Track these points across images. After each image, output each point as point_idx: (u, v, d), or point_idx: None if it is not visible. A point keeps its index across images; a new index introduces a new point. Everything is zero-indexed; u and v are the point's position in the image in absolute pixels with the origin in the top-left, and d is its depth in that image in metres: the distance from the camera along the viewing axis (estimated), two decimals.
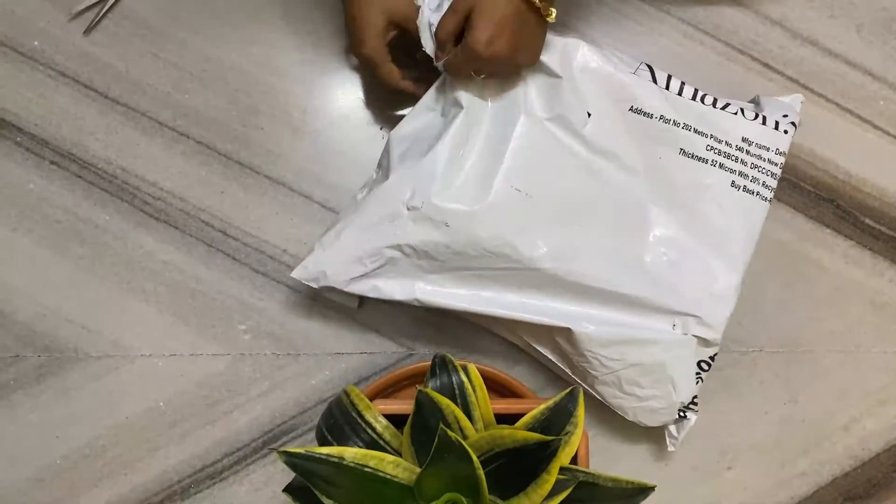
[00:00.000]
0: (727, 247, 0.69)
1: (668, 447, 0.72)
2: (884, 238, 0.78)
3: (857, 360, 0.77)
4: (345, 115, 0.76)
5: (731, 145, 0.69)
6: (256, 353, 0.73)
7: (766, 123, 0.70)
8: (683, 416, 0.70)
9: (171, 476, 0.72)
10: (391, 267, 0.66)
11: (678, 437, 0.71)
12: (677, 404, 0.69)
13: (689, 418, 0.70)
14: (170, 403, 0.72)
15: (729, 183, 0.69)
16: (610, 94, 0.68)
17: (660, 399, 0.68)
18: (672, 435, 0.72)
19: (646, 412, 0.69)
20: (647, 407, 0.69)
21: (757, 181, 0.69)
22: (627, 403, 0.69)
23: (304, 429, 0.73)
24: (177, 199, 0.74)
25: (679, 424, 0.71)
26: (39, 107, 0.74)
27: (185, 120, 0.75)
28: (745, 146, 0.70)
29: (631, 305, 0.67)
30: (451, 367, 0.54)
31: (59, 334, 0.72)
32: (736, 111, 0.70)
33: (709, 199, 0.69)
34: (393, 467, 0.49)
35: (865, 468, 0.76)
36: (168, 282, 0.73)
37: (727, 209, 0.69)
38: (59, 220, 0.73)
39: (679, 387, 0.68)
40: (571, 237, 0.66)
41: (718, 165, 0.69)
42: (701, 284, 0.68)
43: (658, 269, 0.68)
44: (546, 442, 0.46)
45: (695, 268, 0.68)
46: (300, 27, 0.76)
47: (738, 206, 0.69)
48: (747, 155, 0.69)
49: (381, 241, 0.65)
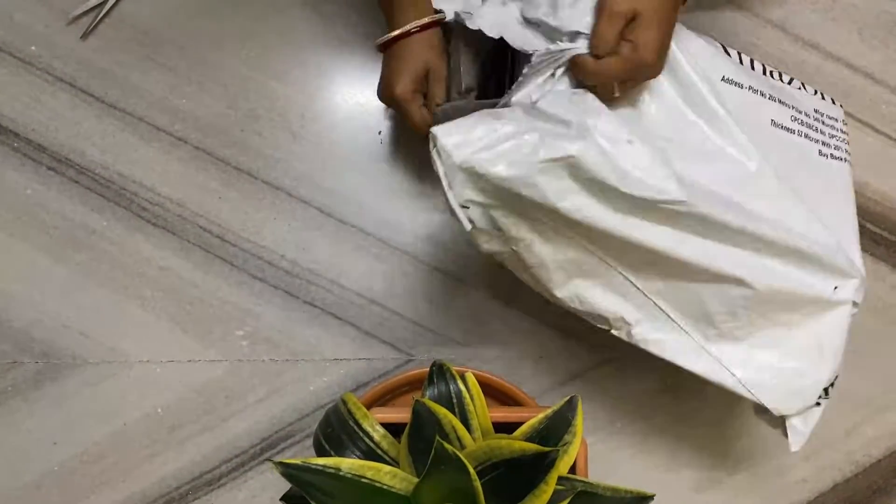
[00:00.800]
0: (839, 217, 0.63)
1: (790, 447, 0.60)
2: (885, 243, 0.77)
3: (858, 367, 0.76)
4: (344, 121, 0.76)
5: (809, 116, 0.66)
6: (254, 360, 0.73)
7: (825, 98, 0.68)
8: (818, 402, 0.60)
9: (169, 483, 0.72)
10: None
11: (805, 431, 0.60)
12: (823, 382, 0.59)
13: (820, 405, 0.60)
14: (168, 410, 0.72)
15: (817, 152, 0.65)
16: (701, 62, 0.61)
17: (803, 375, 0.59)
18: (797, 431, 0.60)
19: (787, 394, 0.59)
20: (790, 387, 0.59)
21: (839, 149, 0.66)
22: (766, 379, 0.59)
23: (302, 435, 0.72)
24: (174, 204, 0.74)
25: (807, 415, 0.60)
26: (36, 112, 0.74)
27: (182, 125, 0.74)
28: (820, 117, 0.66)
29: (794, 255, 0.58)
30: (448, 376, 0.54)
31: (56, 340, 0.72)
32: (799, 86, 0.68)
33: (808, 169, 0.63)
34: (390, 478, 0.48)
35: (866, 474, 0.75)
36: (166, 288, 0.73)
37: (823, 177, 0.64)
38: (56, 226, 0.73)
39: (828, 360, 0.59)
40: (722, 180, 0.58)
41: (804, 136, 0.65)
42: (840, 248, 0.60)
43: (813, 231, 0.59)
44: (544, 452, 0.46)
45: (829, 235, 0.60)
46: (299, 32, 0.76)
47: (832, 172, 0.65)
48: (823, 125, 0.66)
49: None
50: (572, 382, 0.74)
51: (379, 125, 0.76)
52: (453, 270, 0.75)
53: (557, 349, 0.75)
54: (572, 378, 0.74)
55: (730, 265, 0.57)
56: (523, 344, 0.75)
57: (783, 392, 0.59)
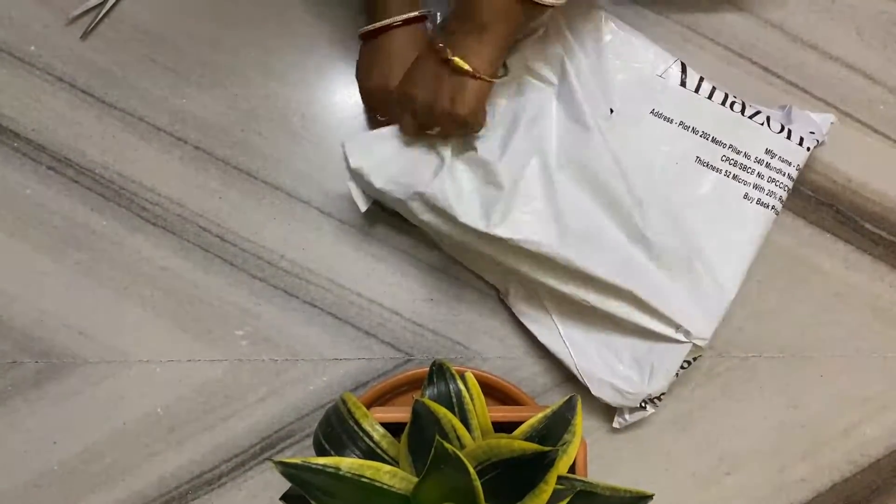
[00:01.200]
0: (729, 257, 0.70)
1: (613, 423, 0.73)
2: (884, 243, 0.78)
3: (857, 366, 0.76)
4: (343, 121, 0.76)
5: (749, 157, 0.70)
6: (254, 359, 0.73)
7: (791, 138, 0.71)
8: (644, 406, 0.71)
9: (169, 482, 0.72)
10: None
11: (627, 421, 0.72)
12: (644, 395, 0.69)
13: (647, 410, 0.71)
14: (167, 409, 0.72)
15: (742, 195, 0.70)
16: (635, 92, 0.69)
17: (631, 383, 0.69)
18: (623, 418, 0.72)
19: (611, 390, 0.70)
20: (615, 386, 0.69)
21: (773, 195, 0.70)
22: (598, 373, 0.70)
23: (301, 434, 0.72)
24: (174, 204, 0.74)
25: (634, 412, 0.71)
26: (36, 111, 0.74)
27: (182, 125, 0.74)
28: (767, 158, 0.70)
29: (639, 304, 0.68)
30: (448, 375, 0.54)
31: (56, 340, 0.72)
32: (762, 121, 0.71)
33: (718, 208, 0.70)
34: (390, 477, 0.48)
35: (865, 474, 0.76)
36: (165, 287, 0.73)
37: (735, 220, 0.70)
38: (56, 226, 0.73)
39: (655, 379, 0.69)
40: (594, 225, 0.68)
41: (732, 176, 0.70)
42: (702, 294, 0.69)
43: (663, 274, 0.68)
44: (544, 452, 0.46)
45: (697, 278, 0.69)
46: (299, 32, 0.76)
47: (747, 217, 0.70)
48: (766, 168, 0.70)
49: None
50: (570, 382, 0.74)
51: (378, 126, 0.76)
52: (453, 270, 0.75)
53: None
54: (570, 378, 0.74)
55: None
56: (522, 344, 0.75)
57: (610, 389, 0.70)
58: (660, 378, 0.69)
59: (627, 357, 0.70)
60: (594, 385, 0.70)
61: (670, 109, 0.70)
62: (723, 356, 0.76)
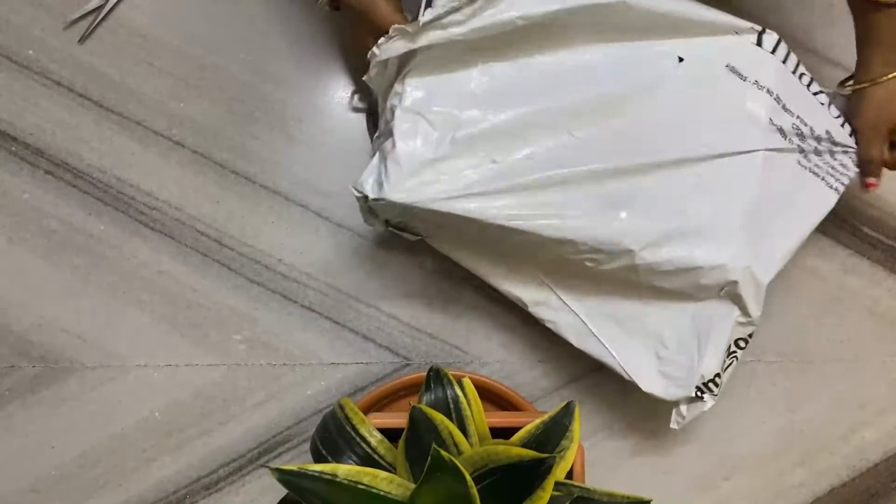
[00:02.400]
0: (788, 228, 0.67)
1: (672, 424, 0.66)
2: (882, 247, 0.78)
3: (856, 370, 0.76)
4: (341, 124, 0.76)
5: (813, 132, 0.67)
6: (252, 364, 0.73)
7: (845, 127, 0.68)
8: (700, 396, 0.65)
9: (166, 487, 0.72)
10: None
11: (686, 417, 0.66)
12: (697, 377, 0.64)
13: (704, 401, 0.65)
14: (165, 414, 0.72)
15: (796, 162, 0.67)
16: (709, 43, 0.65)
17: (679, 366, 0.64)
18: (680, 413, 0.66)
19: (661, 379, 0.65)
20: (665, 373, 0.65)
21: (832, 174, 0.68)
22: (644, 365, 0.65)
23: (299, 439, 0.72)
24: (172, 208, 0.74)
25: (692, 404, 0.66)
26: (34, 116, 0.74)
27: (180, 129, 0.74)
28: (824, 136, 0.67)
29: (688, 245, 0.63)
30: (445, 381, 0.54)
31: (54, 344, 0.72)
32: (825, 102, 0.68)
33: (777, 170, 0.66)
34: (387, 484, 0.48)
35: (863, 478, 0.75)
36: (163, 292, 0.73)
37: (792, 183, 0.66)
38: (53, 230, 0.73)
39: (705, 356, 0.64)
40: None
41: (799, 148, 0.67)
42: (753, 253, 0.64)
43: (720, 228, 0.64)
44: (541, 458, 0.46)
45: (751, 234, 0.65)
46: (297, 36, 0.76)
47: (810, 191, 0.67)
48: (819, 144, 0.67)
49: None
50: (570, 386, 0.74)
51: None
52: (451, 274, 0.75)
53: (555, 353, 0.75)
54: (570, 382, 0.74)
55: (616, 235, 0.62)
56: (521, 348, 0.75)
57: (660, 379, 0.65)
58: (710, 355, 0.64)
59: (671, 338, 0.65)
60: (642, 380, 0.65)
61: (744, 67, 0.66)
62: None
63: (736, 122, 0.65)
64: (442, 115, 0.62)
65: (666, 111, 0.64)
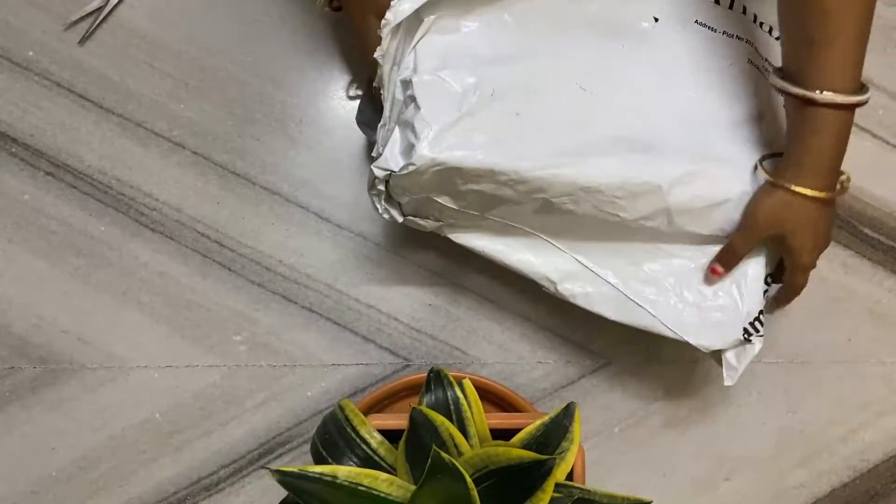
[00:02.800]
0: None
1: (725, 381, 0.65)
2: (883, 248, 0.78)
3: (856, 371, 0.76)
4: (341, 125, 0.76)
5: None
6: (252, 365, 0.73)
7: None
8: (748, 338, 0.64)
9: (166, 488, 0.72)
10: None
11: (738, 366, 0.64)
12: (743, 316, 0.64)
13: (753, 343, 0.64)
14: (165, 415, 0.72)
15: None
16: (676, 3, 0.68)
17: (724, 311, 0.64)
18: (731, 365, 0.65)
19: (711, 329, 0.64)
20: (714, 320, 0.64)
21: None
22: (690, 318, 0.64)
23: (299, 440, 0.72)
24: (172, 209, 0.74)
25: (740, 351, 0.65)
26: (34, 117, 0.74)
27: (180, 130, 0.74)
28: None
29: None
30: (446, 382, 0.54)
31: (54, 346, 0.72)
32: None
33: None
34: (387, 485, 0.48)
35: (864, 479, 0.75)
36: (163, 293, 0.73)
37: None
38: (54, 232, 0.73)
39: (746, 295, 0.64)
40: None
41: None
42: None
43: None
44: (541, 460, 0.46)
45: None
46: (297, 37, 0.76)
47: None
48: None
49: None
50: (570, 387, 0.74)
51: None
52: (452, 275, 0.75)
53: (555, 354, 0.75)
54: (570, 382, 0.74)
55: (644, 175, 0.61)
56: (521, 349, 0.75)
57: (705, 328, 0.64)
58: (751, 293, 0.64)
59: (707, 287, 0.65)
60: (691, 334, 0.64)
61: (713, 20, 0.68)
62: None
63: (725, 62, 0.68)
64: (459, 75, 0.61)
65: (662, 59, 0.66)
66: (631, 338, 0.75)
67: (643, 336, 0.69)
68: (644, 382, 0.75)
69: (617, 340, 0.75)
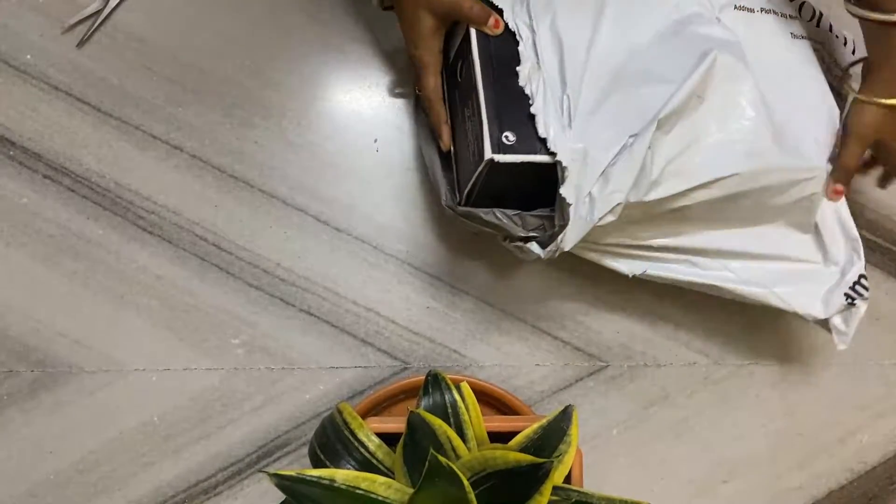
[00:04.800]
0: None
1: (838, 345, 0.65)
2: (880, 250, 0.78)
3: (854, 373, 0.76)
4: (340, 129, 0.76)
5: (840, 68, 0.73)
6: (250, 368, 0.73)
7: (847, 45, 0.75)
8: (852, 301, 0.64)
9: (165, 491, 0.72)
10: None
11: (847, 330, 0.64)
12: (849, 277, 0.64)
13: (858, 305, 0.64)
14: (164, 418, 0.72)
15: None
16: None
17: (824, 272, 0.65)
18: (839, 329, 0.64)
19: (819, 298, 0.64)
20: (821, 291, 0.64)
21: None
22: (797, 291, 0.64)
23: (298, 443, 0.72)
24: (170, 213, 0.74)
25: (847, 315, 0.64)
26: (32, 120, 0.74)
27: (178, 133, 0.74)
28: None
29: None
30: (444, 386, 0.54)
31: (52, 349, 0.72)
32: (844, 41, 0.75)
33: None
34: (385, 489, 0.48)
35: (862, 481, 0.76)
36: (162, 296, 0.73)
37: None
38: (52, 235, 0.73)
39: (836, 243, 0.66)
40: None
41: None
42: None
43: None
44: (539, 463, 0.46)
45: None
46: (295, 40, 0.76)
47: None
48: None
49: None
50: (568, 390, 0.74)
51: (374, 133, 0.76)
52: (449, 278, 0.75)
53: (554, 357, 0.75)
54: (568, 385, 0.74)
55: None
56: (519, 352, 0.75)
57: (819, 299, 0.64)
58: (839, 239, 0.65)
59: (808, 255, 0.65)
60: (805, 307, 0.64)
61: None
62: (719, 363, 0.76)
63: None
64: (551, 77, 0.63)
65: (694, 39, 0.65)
66: (628, 341, 0.75)
67: (641, 339, 0.69)
68: (642, 385, 0.75)
69: (614, 343, 0.75)
